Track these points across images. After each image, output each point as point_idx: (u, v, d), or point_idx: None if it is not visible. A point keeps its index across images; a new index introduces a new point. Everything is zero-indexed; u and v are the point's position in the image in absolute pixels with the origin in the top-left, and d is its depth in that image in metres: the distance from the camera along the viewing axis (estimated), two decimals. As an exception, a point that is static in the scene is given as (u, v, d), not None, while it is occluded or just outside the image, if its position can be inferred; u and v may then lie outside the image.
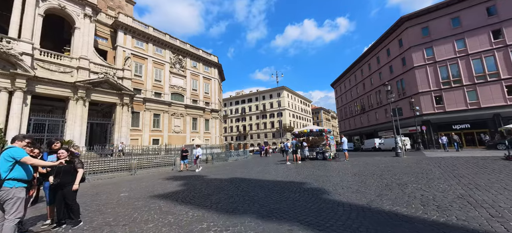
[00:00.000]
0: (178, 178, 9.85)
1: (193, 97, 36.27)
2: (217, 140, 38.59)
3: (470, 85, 25.33)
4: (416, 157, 12.90)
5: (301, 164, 12.91)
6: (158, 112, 31.29)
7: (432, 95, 27.56)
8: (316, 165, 11.90)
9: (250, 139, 70.14)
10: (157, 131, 30.94)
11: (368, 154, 21.03)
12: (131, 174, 12.85)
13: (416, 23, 29.04)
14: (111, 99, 26.02)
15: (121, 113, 26.71)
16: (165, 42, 33.43)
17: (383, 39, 34.90)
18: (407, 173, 7.47)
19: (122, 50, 28.85)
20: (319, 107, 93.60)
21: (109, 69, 26.70)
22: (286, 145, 13.69)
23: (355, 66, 44.87)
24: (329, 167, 10.65)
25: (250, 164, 15.44)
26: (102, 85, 25.61)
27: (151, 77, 31.34)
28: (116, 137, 26.06)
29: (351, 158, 15.04)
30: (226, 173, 10.78)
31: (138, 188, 7.67)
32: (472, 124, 25.04)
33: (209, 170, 13.39)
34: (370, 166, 10.03)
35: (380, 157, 14.81)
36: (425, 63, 28.14)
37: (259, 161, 18.92)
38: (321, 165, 11.74)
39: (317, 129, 14.34)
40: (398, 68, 31.84)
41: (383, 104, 35.77)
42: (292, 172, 9.56)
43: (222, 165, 17.32)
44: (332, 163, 12.16)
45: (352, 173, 8.23)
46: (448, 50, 26.77)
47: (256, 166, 13.75)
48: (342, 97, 51.98)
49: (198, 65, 38.34)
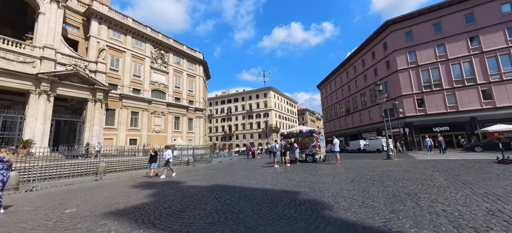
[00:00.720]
0: (149, 185, 8.34)
1: (175, 95, 34.15)
2: (201, 140, 36.74)
3: (450, 89, 26.10)
4: (408, 160, 12.45)
5: (290, 167, 11.90)
6: (137, 110, 28.89)
7: (414, 98, 28.09)
8: (307, 168, 10.94)
9: (236, 139, 68.60)
10: (135, 130, 28.54)
11: (355, 156, 20.65)
12: (96, 180, 11.02)
13: (400, 27, 29.54)
14: (81, 94, 23.40)
15: (93, 110, 24.14)
16: (145, 35, 31.05)
17: (368, 42, 35.31)
18: (410, 179, 6.68)
19: (96, 41, 26.19)
20: (305, 109, 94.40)
21: (80, 61, 24.02)
22: (274, 146, 12.56)
23: (341, 68, 45.26)
24: (321, 171, 9.71)
25: (235, 167, 14.16)
26: (71, 78, 22.92)
27: (129, 72, 28.88)
28: (86, 137, 23.48)
29: (341, 160, 14.35)
30: (207, 178, 9.43)
31: (93, 201, 6.11)
32: (451, 127, 25.79)
33: (189, 174, 11.93)
34: (365, 170, 9.23)
35: (371, 159, 14.26)
36: (408, 67, 28.66)
37: (245, 163, 17.71)
38: (312, 168, 10.80)
39: (307, 129, 13.47)
40: (382, 70, 32.27)
41: (367, 106, 36.17)
42: (282, 178, 8.47)
43: (205, 167, 15.85)
44: (323, 167, 11.28)
45: (349, 179, 7.30)
46: (429, 54, 27.44)
47: (242, 169, 12.51)
48: (328, 98, 52.34)
49: (182, 61, 36.26)
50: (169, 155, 11.84)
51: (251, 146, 31.80)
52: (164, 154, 11.79)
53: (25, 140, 19.13)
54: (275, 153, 12.47)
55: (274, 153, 12.47)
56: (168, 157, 11.71)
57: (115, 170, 14.91)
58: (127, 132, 27.74)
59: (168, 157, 11.69)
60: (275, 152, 12.44)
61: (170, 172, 11.69)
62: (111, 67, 27.22)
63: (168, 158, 11.69)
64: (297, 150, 12.78)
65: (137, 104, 28.91)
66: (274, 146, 12.56)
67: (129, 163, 16.39)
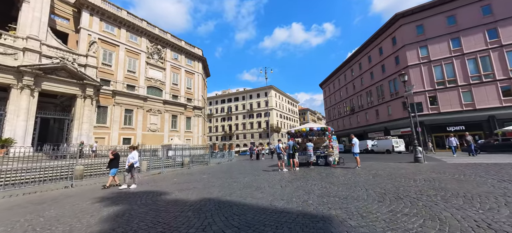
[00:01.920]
0: (118, 199, 6.25)
1: (173, 92, 32.11)
2: (199, 140, 34.68)
3: (465, 86, 23.98)
4: (441, 164, 10.30)
5: (299, 172, 9.83)
6: (131, 107, 26.84)
7: (426, 95, 25.98)
8: (322, 174, 8.85)
9: (236, 139, 66.52)
10: (129, 129, 26.49)
11: (369, 158, 18.50)
12: (65, 187, 8.96)
13: (410, 21, 27.44)
14: (69, 90, 21.38)
15: (82, 106, 22.11)
16: (141, 29, 29.03)
17: (375, 37, 33.21)
18: (482, 196, 4.59)
19: (87, 34, 24.16)
20: (306, 108, 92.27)
21: (68, 54, 22.00)
22: (277, 147, 10.31)
23: (345, 65, 43.15)
24: (342, 178, 7.63)
25: (235, 171, 12.08)
26: (57, 72, 20.88)
27: (123, 67, 26.85)
28: (75, 135, 21.45)
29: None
30: (198, 187, 7.36)
31: (23, 227, 4.05)
32: (467, 126, 23.65)
33: (179, 179, 9.86)
34: (400, 178, 7.13)
35: (393, 162, 12.06)
36: (419, 62, 26.55)
37: (247, 166, 15.63)
38: (328, 174, 8.71)
39: (318, 127, 11.36)
40: (391, 67, 30.15)
41: (374, 104, 34.06)
42: (294, 188, 6.38)
43: (200, 170, 13.79)
44: (340, 171, 9.18)
45: (391, 193, 5.21)
46: (443, 49, 25.33)
47: (243, 174, 10.43)
48: (331, 97, 50.22)
49: (180, 57, 34.22)
50: (133, 159, 8.76)
51: (253, 146, 28.73)
52: (128, 156, 8.86)
53: (4, 139, 17.13)
54: (280, 154, 10.29)
55: (280, 155, 10.28)
56: (132, 162, 8.68)
57: (97, 174, 12.86)
58: (121, 131, 25.70)
59: (131, 161, 8.67)
60: (280, 154, 10.27)
61: (137, 181, 8.83)
62: (103, 62, 25.19)
63: (131, 162, 8.68)
64: (311, 150, 10.65)
65: (132, 101, 26.87)
66: (277, 146, 10.35)
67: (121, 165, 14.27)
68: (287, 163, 10.56)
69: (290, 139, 10.82)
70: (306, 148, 10.92)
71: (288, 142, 10.48)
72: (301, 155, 11.44)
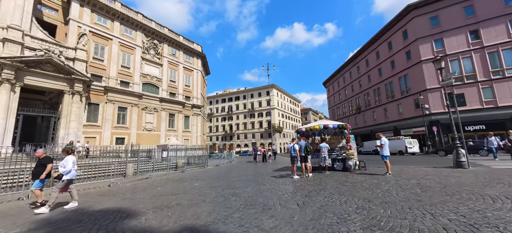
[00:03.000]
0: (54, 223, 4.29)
1: (170, 89, 30.22)
2: (198, 139, 32.75)
3: (486, 82, 21.87)
4: (489, 170, 8.30)
5: (314, 179, 7.86)
6: (125, 105, 24.96)
7: (442, 92, 23.86)
8: (347, 184, 6.86)
9: (237, 139, 64.57)
10: (123, 128, 24.61)
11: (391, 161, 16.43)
12: (18, 199, 7.03)
13: (424, 12, 25.36)
14: (56, 85, 19.51)
15: (70, 103, 20.23)
16: (136, 22, 27.16)
17: (384, 32, 31.15)
18: None
19: (77, 26, 22.31)
20: (308, 108, 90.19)
21: (55, 46, 20.14)
22: (292, 147, 8.19)
23: (351, 62, 41.08)
24: (378, 191, 5.63)
25: (235, 177, 10.10)
26: (42, 66, 19.00)
27: (117, 62, 24.98)
28: (62, 135, 19.56)
29: (377, 167, 10.24)
30: (182, 205, 5.36)
31: None
32: (488, 125, 21.52)
33: (164, 189, 7.91)
34: (459, 193, 5.14)
35: (429, 167, 9.90)
36: (433, 57, 24.43)
37: (248, 169, 13.67)
38: (355, 184, 6.71)
39: (335, 125, 9.34)
40: (401, 62, 28.08)
41: (382, 103, 31.98)
42: (319, 211, 4.39)
43: (194, 175, 11.84)
44: (370, 180, 7.18)
45: (483, 224, 3.25)
46: (460, 42, 23.24)
47: (243, 182, 8.45)
48: (335, 96, 48.15)
49: (178, 53, 32.33)
50: (64, 168, 5.62)
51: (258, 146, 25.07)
52: (60, 163, 5.77)
53: (-22, 138, 15.28)
54: (294, 158, 8.21)
55: (294, 158, 8.17)
56: (63, 171, 5.61)
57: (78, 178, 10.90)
58: (113, 130, 23.82)
59: (61, 171, 5.63)
60: (295, 157, 8.21)
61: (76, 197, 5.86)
62: (95, 56, 23.34)
63: (59, 172, 5.70)
64: (325, 153, 8.62)
65: (126, 99, 24.99)
66: (292, 147, 8.22)
67: (96, 170, 12.35)
68: (299, 167, 8.55)
69: (301, 139, 8.81)
70: (320, 150, 8.92)
71: (300, 143, 8.50)
72: (313, 157, 9.44)
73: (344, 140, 10.19)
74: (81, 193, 7.65)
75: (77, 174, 7.83)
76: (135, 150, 19.74)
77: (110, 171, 10.15)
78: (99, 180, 9.92)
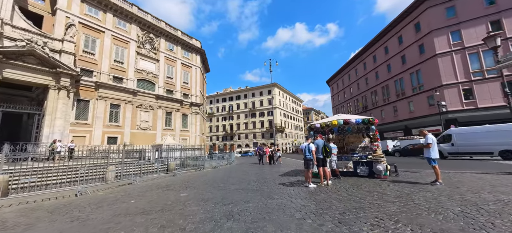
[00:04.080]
0: None
1: (167, 86, 28.37)
2: (197, 139, 30.88)
3: (510, 76, 19.84)
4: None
5: (335, 188, 5.93)
6: (118, 102, 23.13)
7: (459, 88, 21.85)
8: (386, 198, 4.91)
9: (237, 139, 62.65)
10: (115, 126, 22.76)
11: (421, 164, 14.46)
12: None
13: (438, 2, 23.34)
14: (39, 79, 17.70)
15: (55, 99, 18.41)
16: (131, 14, 25.35)
17: (393, 26, 29.14)
18: None
19: (65, 16, 20.50)
20: (310, 108, 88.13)
21: (39, 37, 18.35)
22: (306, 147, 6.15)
23: (357, 59, 39.05)
24: (438, 209, 3.73)
25: (234, 184, 8.17)
26: (24, 58, 17.17)
27: (109, 56, 23.15)
28: (46, 133, 17.73)
29: (421, 173, 8.26)
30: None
31: None
32: (512, 124, 19.46)
33: (139, 202, 5.99)
34: None
35: (480, 173, 7.98)
36: (450, 50, 22.44)
37: (250, 173, 11.75)
38: (399, 198, 4.76)
39: (358, 119, 7.36)
40: (413, 57, 26.05)
41: (391, 100, 29.95)
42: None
43: (184, 181, 9.93)
44: (412, 191, 5.23)
45: None
46: (480, 33, 21.16)
47: (244, 192, 6.52)
48: (339, 94, 46.12)
49: (176, 48, 30.50)
50: None
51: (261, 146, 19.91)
52: None
53: None
54: (310, 162, 6.12)
55: (310, 162, 6.11)
56: None
57: (39, 184, 8.99)
58: (105, 128, 21.97)
59: None
60: (311, 160, 6.14)
61: None
62: (85, 49, 21.52)
63: None
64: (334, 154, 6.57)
65: (119, 95, 23.15)
66: (306, 147, 6.13)
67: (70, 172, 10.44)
68: (314, 172, 6.58)
69: (318, 137, 6.87)
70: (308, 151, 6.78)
71: (316, 141, 6.56)
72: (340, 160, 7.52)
73: (367, 139, 8.24)
74: (30, 207, 5.75)
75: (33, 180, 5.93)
76: (128, 150, 17.95)
77: (83, 175, 8.24)
78: (67, 187, 8.03)
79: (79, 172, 7.69)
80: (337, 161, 7.64)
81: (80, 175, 7.75)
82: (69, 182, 8.56)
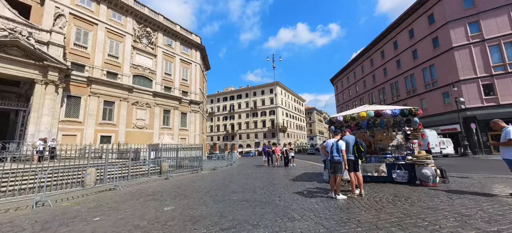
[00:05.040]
0: None
1: (165, 83, 26.82)
2: (197, 139, 29.27)
3: (536, 69, 18.06)
4: None
5: (371, 200, 4.28)
6: (112, 99, 21.59)
7: (479, 83, 20.08)
8: (459, 216, 3.26)
9: (239, 139, 61.00)
10: (109, 125, 21.21)
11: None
12: None
13: (455, -8, 21.63)
14: (24, 73, 16.16)
15: (42, 95, 16.87)
16: (127, 6, 23.83)
17: (403, 19, 27.41)
18: None
19: (54, 6, 19.02)
20: (312, 107, 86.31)
21: (24, 27, 16.85)
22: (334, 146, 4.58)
23: (362, 56, 37.31)
24: None
25: (235, 194, 6.50)
26: (7, 49, 15.62)
27: (103, 50, 21.63)
28: (31, 132, 16.17)
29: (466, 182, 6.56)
30: None
31: None
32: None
33: (107, 217, 4.38)
34: None
35: None
36: (468, 42, 20.68)
37: (255, 176, 10.11)
38: (474, 216, 3.14)
39: (395, 110, 5.62)
40: (426, 51, 24.29)
41: (401, 98, 28.19)
42: None
43: (176, 186, 8.30)
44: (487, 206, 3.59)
45: None
46: (502, 24, 19.45)
47: (251, 207, 4.87)
48: (344, 93, 44.35)
49: (175, 44, 28.95)
50: None
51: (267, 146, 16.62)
52: None
53: None
54: (339, 165, 4.44)
55: (338, 165, 4.46)
56: None
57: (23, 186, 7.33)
58: (98, 127, 20.43)
59: None
60: (339, 162, 4.42)
61: None
62: (76, 42, 20.02)
63: None
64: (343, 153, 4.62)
65: (113, 92, 21.61)
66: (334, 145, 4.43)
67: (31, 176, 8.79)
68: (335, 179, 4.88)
69: (345, 132, 5.19)
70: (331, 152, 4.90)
71: (346, 137, 4.90)
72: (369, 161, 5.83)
73: (399, 135, 6.57)
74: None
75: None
76: (121, 150, 16.36)
77: (45, 181, 6.64)
78: (31, 194, 6.41)
79: (37, 177, 6.04)
80: (366, 163, 5.97)
81: (40, 180, 6.13)
82: (32, 188, 6.94)
